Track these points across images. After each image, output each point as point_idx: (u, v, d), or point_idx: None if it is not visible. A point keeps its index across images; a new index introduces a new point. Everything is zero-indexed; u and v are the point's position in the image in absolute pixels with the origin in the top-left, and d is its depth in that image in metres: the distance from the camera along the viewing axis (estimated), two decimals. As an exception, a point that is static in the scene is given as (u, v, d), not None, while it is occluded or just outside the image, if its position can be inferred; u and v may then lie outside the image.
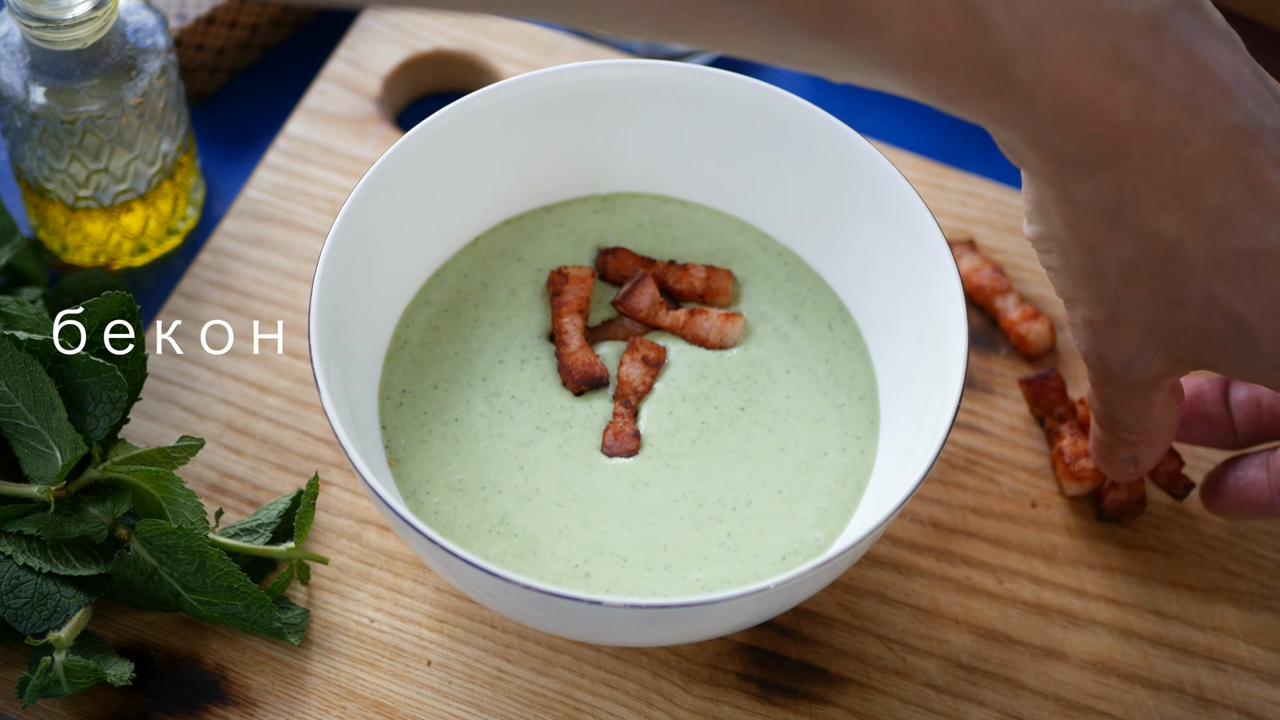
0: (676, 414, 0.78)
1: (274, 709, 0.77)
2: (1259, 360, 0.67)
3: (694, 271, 0.82)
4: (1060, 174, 0.64)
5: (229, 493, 0.82)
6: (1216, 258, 0.64)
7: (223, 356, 0.86)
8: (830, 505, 0.76)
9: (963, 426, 0.85)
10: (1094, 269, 0.67)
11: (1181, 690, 0.79)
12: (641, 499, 0.76)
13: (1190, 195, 0.63)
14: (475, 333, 0.80)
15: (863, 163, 0.79)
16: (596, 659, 0.78)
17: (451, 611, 0.79)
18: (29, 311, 0.78)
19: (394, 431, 0.78)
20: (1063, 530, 0.82)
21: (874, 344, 0.80)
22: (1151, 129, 0.61)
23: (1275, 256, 0.64)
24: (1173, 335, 0.67)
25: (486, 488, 0.76)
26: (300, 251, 0.89)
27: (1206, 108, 0.62)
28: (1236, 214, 0.64)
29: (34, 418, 0.75)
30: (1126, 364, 0.70)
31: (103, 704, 0.76)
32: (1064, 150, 0.62)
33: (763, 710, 0.78)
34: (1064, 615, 0.80)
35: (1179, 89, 0.61)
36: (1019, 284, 0.89)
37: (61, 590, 0.75)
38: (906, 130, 0.98)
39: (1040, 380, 0.84)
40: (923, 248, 0.77)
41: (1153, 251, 0.65)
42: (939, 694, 0.78)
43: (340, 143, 0.92)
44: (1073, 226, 0.66)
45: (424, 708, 0.77)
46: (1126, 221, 0.64)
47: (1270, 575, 0.82)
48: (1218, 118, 0.62)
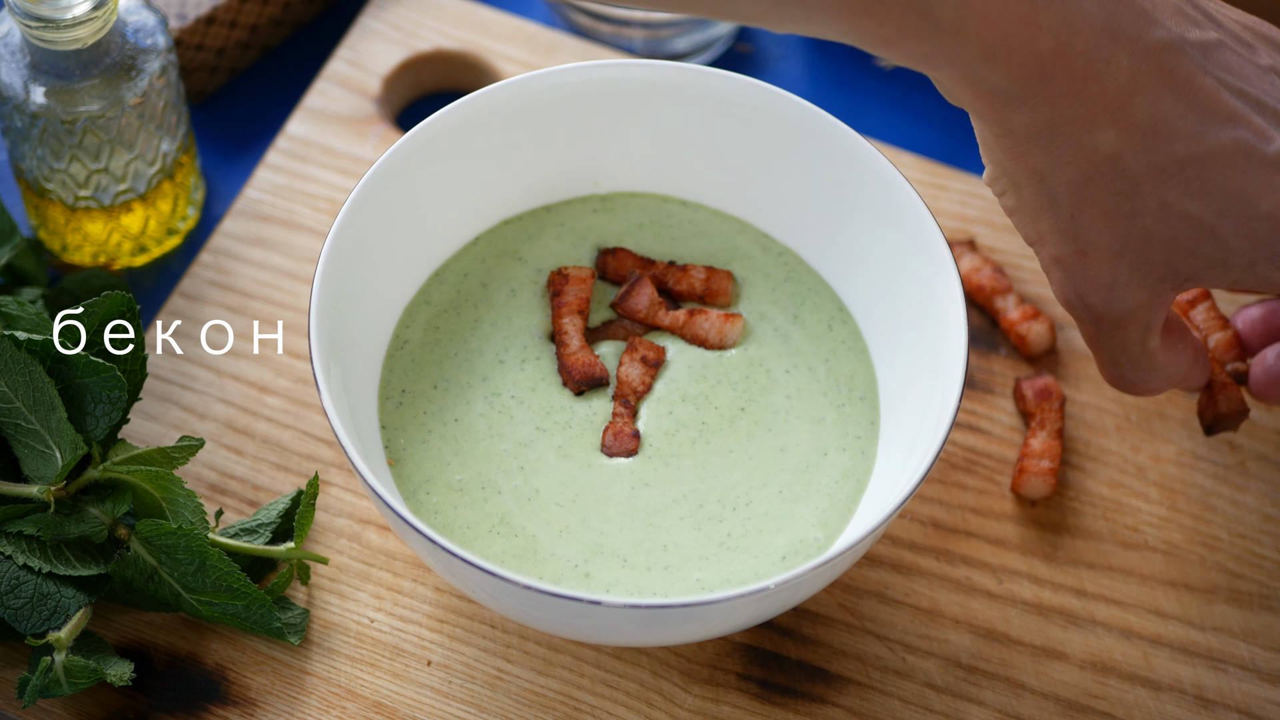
0: (676, 414, 0.78)
1: (274, 709, 0.77)
2: (1233, 260, 0.69)
3: (694, 272, 0.82)
4: (994, 108, 0.67)
5: (229, 493, 0.82)
6: (1159, 165, 0.67)
7: (223, 356, 0.86)
8: (830, 505, 0.76)
9: (963, 426, 0.85)
10: (1045, 197, 0.69)
11: (1181, 690, 0.79)
12: (641, 499, 0.76)
13: (1120, 111, 0.66)
14: (475, 333, 0.80)
15: (863, 163, 0.79)
16: (596, 659, 0.78)
17: (451, 611, 0.79)
18: (29, 311, 0.78)
19: (394, 431, 0.78)
20: (1063, 530, 0.82)
21: (874, 344, 0.80)
22: (1073, 55, 0.65)
23: (1217, 156, 0.67)
24: (1140, 252, 0.69)
25: (486, 488, 0.76)
26: (300, 251, 0.89)
27: (1125, 30, 0.65)
28: (1170, 122, 0.66)
29: (34, 418, 0.75)
30: (1106, 296, 0.70)
31: (103, 704, 0.76)
32: (994, 84, 0.65)
33: (763, 710, 0.78)
34: (1064, 615, 0.80)
35: (1096, 16, 0.65)
36: (1019, 284, 0.89)
37: (61, 590, 0.75)
38: (906, 130, 0.98)
39: (1027, 381, 0.85)
40: (923, 248, 0.77)
41: (1095, 168, 0.67)
42: (939, 694, 0.78)
43: (340, 143, 0.92)
44: (1016, 156, 0.68)
45: (424, 708, 0.77)
46: (1063, 143, 0.67)
47: (1270, 575, 0.82)
48: (1137, 38, 0.65)
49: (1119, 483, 0.84)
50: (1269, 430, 0.86)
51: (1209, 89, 0.67)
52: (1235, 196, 0.67)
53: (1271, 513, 0.83)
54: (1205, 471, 0.84)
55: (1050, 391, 0.84)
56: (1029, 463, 0.82)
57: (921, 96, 1.00)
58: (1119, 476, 0.84)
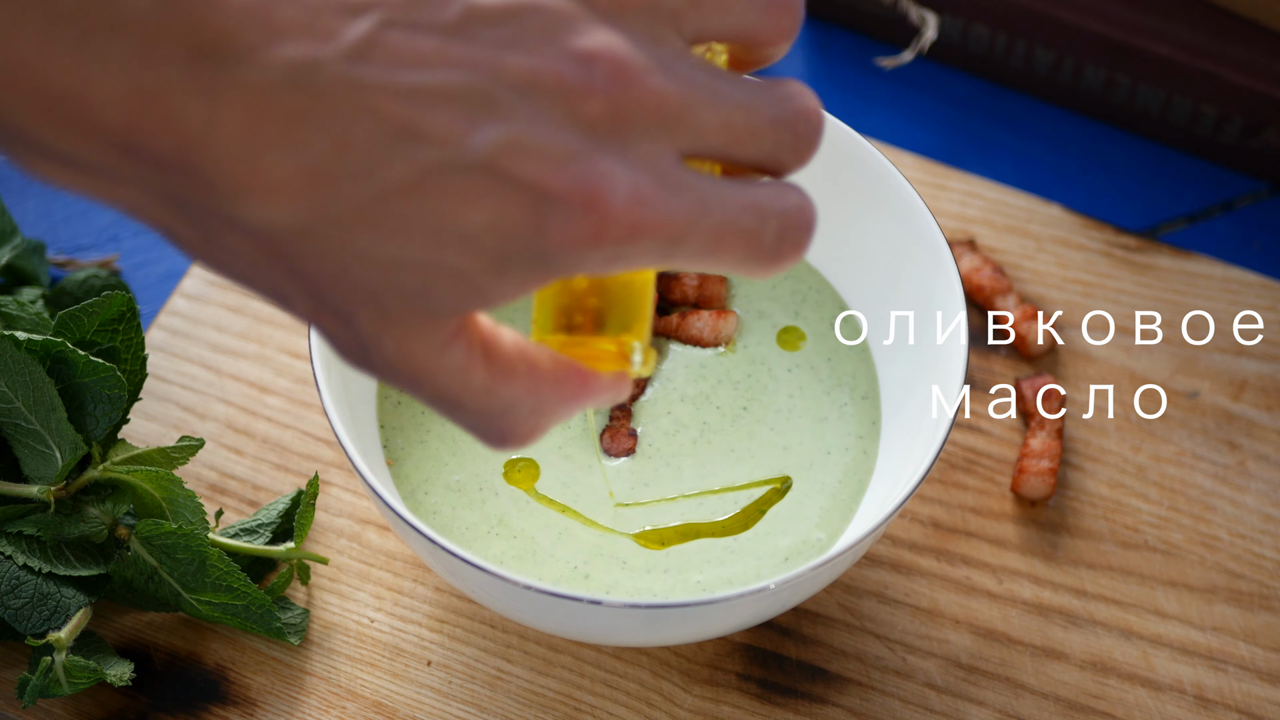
0: (675, 414, 0.78)
1: (274, 709, 0.77)
2: (481, 280, 0.56)
3: (686, 280, 0.82)
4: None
5: (229, 493, 0.82)
6: (333, 218, 0.54)
7: (223, 356, 0.86)
8: (833, 505, 0.76)
9: (963, 426, 0.85)
10: (278, 295, 0.56)
11: (1181, 690, 0.79)
12: (641, 500, 0.76)
13: (251, 175, 0.53)
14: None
15: (863, 163, 0.79)
16: (596, 659, 0.78)
17: (451, 611, 0.79)
18: (29, 311, 0.78)
19: (392, 431, 0.78)
20: (1062, 530, 0.82)
21: (875, 343, 0.80)
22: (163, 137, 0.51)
23: (400, 188, 0.53)
24: (375, 304, 0.56)
25: (484, 489, 0.76)
26: (300, 251, 0.89)
27: (207, 85, 0.51)
28: (326, 169, 0.53)
29: (34, 418, 0.75)
30: (379, 356, 0.57)
31: (103, 704, 0.76)
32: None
33: (763, 710, 0.78)
34: (1064, 615, 0.80)
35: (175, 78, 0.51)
36: (1019, 284, 0.89)
37: (61, 590, 0.75)
38: (906, 130, 0.98)
39: (1027, 381, 0.85)
40: (923, 247, 0.77)
41: (272, 244, 0.54)
42: (939, 694, 0.78)
43: (340, 142, 0.92)
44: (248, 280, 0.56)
45: (424, 708, 0.77)
46: (218, 243, 0.54)
47: (1270, 575, 0.82)
48: (221, 89, 0.51)
49: (1119, 483, 0.84)
50: (1269, 430, 0.86)
51: (367, 107, 0.52)
52: (439, 223, 0.54)
53: (1271, 513, 0.83)
54: (1205, 471, 0.84)
55: (1050, 391, 0.84)
56: (1029, 463, 0.82)
57: (921, 96, 1.00)
58: (1119, 476, 0.84)
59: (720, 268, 0.56)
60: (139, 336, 0.78)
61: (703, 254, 0.55)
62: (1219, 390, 0.87)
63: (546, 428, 0.59)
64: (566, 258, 0.53)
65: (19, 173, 0.95)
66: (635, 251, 0.53)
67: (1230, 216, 0.96)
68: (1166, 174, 0.97)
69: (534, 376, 0.58)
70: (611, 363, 0.60)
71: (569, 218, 0.52)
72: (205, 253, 0.54)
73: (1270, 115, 0.94)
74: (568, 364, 0.59)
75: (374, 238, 0.54)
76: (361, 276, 0.54)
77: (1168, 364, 0.88)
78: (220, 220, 0.52)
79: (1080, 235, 0.91)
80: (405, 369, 0.56)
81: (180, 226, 0.53)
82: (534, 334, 0.59)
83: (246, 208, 0.52)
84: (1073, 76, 0.97)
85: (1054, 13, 0.95)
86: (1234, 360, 0.88)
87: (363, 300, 0.55)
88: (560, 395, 0.59)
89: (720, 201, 0.54)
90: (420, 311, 0.56)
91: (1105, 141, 0.98)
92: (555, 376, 0.59)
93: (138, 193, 0.52)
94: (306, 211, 0.53)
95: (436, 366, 0.57)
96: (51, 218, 0.94)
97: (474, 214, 0.53)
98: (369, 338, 0.55)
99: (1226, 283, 0.90)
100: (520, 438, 0.59)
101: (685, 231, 0.53)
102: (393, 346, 0.56)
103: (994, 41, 0.98)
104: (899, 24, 0.99)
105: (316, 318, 0.56)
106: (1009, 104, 1.00)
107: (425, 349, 0.56)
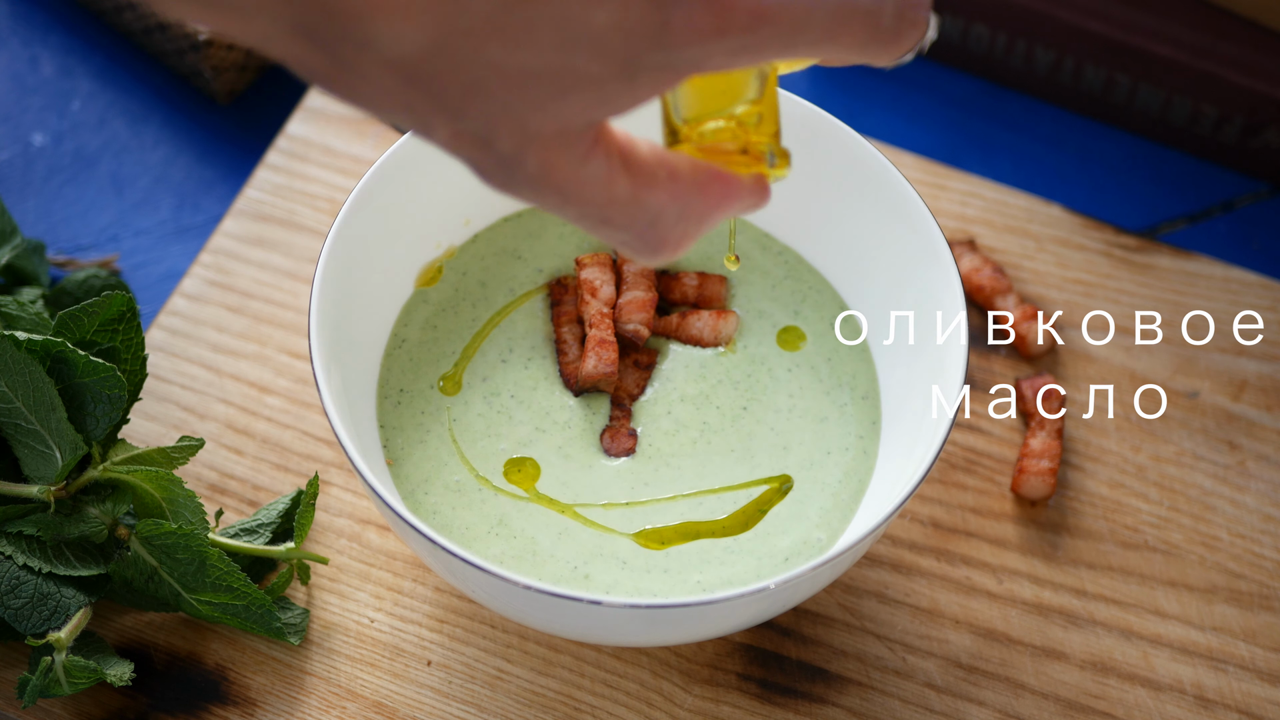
0: (675, 414, 0.78)
1: (274, 709, 0.77)
2: (608, 84, 0.57)
3: (686, 280, 0.82)
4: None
5: (229, 493, 0.82)
6: (466, 29, 0.55)
7: (223, 356, 0.86)
8: (833, 505, 0.76)
9: (963, 426, 0.85)
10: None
11: (1181, 690, 0.79)
12: (641, 499, 0.76)
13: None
14: (474, 332, 0.80)
15: (863, 162, 0.79)
16: (596, 659, 0.78)
17: (451, 611, 0.79)
18: (29, 311, 0.78)
19: (392, 431, 0.78)
20: (1063, 530, 0.82)
21: (875, 343, 0.80)
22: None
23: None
24: (515, 118, 0.57)
25: (484, 489, 0.76)
26: (300, 251, 0.89)
27: None
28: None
29: (34, 418, 0.75)
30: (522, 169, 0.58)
31: (103, 704, 0.76)
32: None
33: (763, 710, 0.78)
34: (1064, 615, 0.80)
35: None
36: (1019, 284, 0.89)
37: (61, 590, 0.75)
38: (906, 130, 0.98)
39: (1027, 381, 0.85)
40: (923, 247, 0.77)
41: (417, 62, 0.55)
42: (939, 694, 0.78)
43: (340, 143, 0.92)
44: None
45: (424, 708, 0.77)
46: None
47: (1270, 575, 0.82)
48: None
49: (1119, 483, 0.84)
50: (1269, 430, 0.86)
51: None
52: (565, 26, 0.55)
53: (1271, 513, 0.83)
54: (1205, 471, 0.84)
55: (1050, 391, 0.84)
56: (1029, 463, 0.82)
57: (921, 96, 1.00)
58: (1119, 476, 0.84)
59: (842, 53, 0.57)
60: (139, 336, 0.78)
61: (824, 39, 0.56)
62: (1219, 390, 0.87)
63: (695, 236, 0.60)
64: (691, 52, 0.54)
65: (21, 171, 0.95)
66: (758, 41, 0.54)
67: (1230, 216, 0.96)
68: (1166, 174, 0.97)
69: (676, 183, 0.59)
70: (746, 167, 0.60)
71: (692, 10, 0.53)
72: (338, 82, 0.55)
73: (1270, 115, 0.94)
74: (707, 168, 0.60)
75: (504, 48, 0.55)
76: (497, 90, 0.55)
77: (1168, 364, 0.88)
78: (352, 45, 0.53)
79: (1080, 235, 0.91)
80: (550, 184, 0.57)
81: (311, 56, 0.54)
82: (665, 144, 0.60)
83: (377, 28, 0.53)
84: (1073, 76, 0.97)
85: (1054, 13, 0.95)
86: (1234, 360, 0.88)
87: (500, 116, 0.55)
88: (705, 200, 0.60)
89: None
90: (557, 124, 0.56)
91: (1105, 141, 0.98)
92: (697, 181, 0.59)
93: (267, 23, 0.53)
94: (436, 26, 0.53)
95: (580, 178, 0.57)
96: (51, 218, 0.94)
97: (598, 14, 0.54)
98: (511, 156, 0.56)
99: (1226, 283, 0.90)
100: (672, 246, 0.60)
101: (806, 16, 0.54)
102: (535, 163, 0.57)
103: (994, 41, 0.98)
104: (899, 24, 0.99)
105: (457, 143, 0.57)
106: (1009, 104, 1.00)
107: (566, 162, 0.57)
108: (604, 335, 0.78)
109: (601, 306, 0.79)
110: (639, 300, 0.80)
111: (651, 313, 0.80)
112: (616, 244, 0.59)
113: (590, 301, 0.80)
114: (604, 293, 0.79)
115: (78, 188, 0.95)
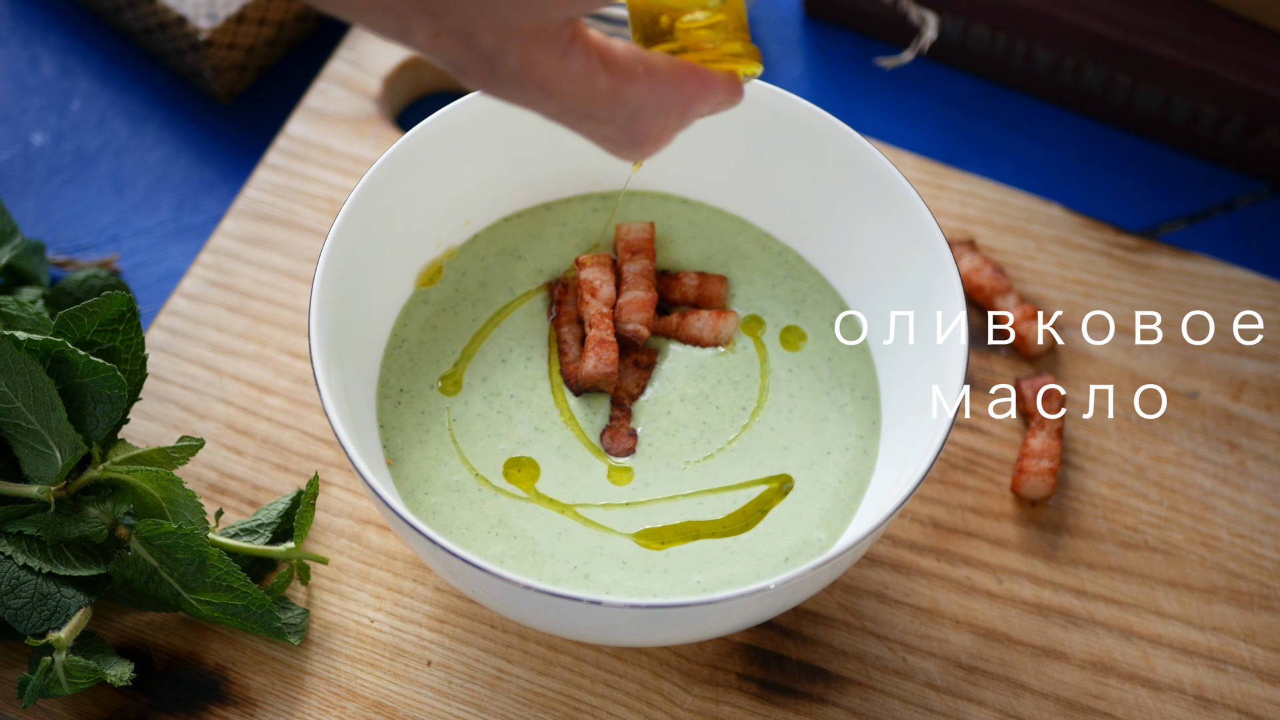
0: (675, 414, 0.78)
1: (274, 709, 0.77)
2: None
3: (686, 280, 0.82)
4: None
5: (229, 493, 0.82)
6: None
7: (223, 356, 0.86)
8: (833, 505, 0.76)
9: (963, 426, 0.85)
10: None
11: (1181, 690, 0.79)
12: (641, 499, 0.76)
13: None
14: (474, 332, 0.80)
15: (863, 163, 0.79)
16: (596, 659, 0.78)
17: (451, 611, 0.79)
18: (29, 311, 0.78)
19: (392, 431, 0.78)
20: (1063, 530, 0.82)
21: (875, 343, 0.80)
22: None
23: None
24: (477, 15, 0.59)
25: (484, 489, 0.76)
26: (300, 251, 0.89)
27: None
28: None
29: (34, 418, 0.75)
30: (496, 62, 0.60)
31: (103, 704, 0.76)
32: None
33: (763, 710, 0.78)
34: (1064, 615, 0.80)
35: None
36: (1019, 284, 0.89)
37: (61, 590, 0.75)
38: (906, 130, 0.98)
39: (1027, 381, 0.85)
40: (923, 247, 0.77)
41: None
42: (939, 694, 0.78)
43: (340, 143, 0.92)
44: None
45: (424, 708, 0.77)
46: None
47: (1270, 575, 0.82)
48: None
49: (1119, 483, 0.84)
50: (1269, 430, 0.86)
51: None
52: None
53: (1271, 513, 0.83)
54: (1205, 471, 0.84)
55: (1050, 391, 0.84)
56: (1029, 463, 0.82)
57: (921, 96, 1.00)
58: (1119, 476, 0.84)
59: None
60: (139, 336, 0.78)
61: None
62: (1219, 390, 0.87)
63: (675, 130, 0.62)
64: None
65: (21, 171, 0.95)
66: None
67: (1230, 216, 0.96)
68: (1166, 174, 0.97)
69: (654, 77, 0.61)
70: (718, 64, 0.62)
71: None
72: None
73: (1270, 115, 0.94)
74: (683, 64, 0.62)
75: None
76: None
77: (1168, 364, 0.88)
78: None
79: (1080, 235, 0.91)
80: (532, 79, 0.59)
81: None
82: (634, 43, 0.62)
83: None
84: (1073, 76, 0.97)
85: (1054, 13, 0.95)
86: (1234, 360, 0.88)
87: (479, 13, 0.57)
88: (682, 93, 0.62)
89: None
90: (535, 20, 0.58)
91: (1105, 141, 0.98)
92: (674, 76, 0.62)
93: None
94: None
95: (560, 73, 0.59)
96: (51, 218, 0.94)
97: None
98: (492, 53, 0.58)
99: (1226, 283, 0.90)
100: (654, 138, 0.62)
101: None
102: (516, 58, 0.58)
103: (994, 41, 0.98)
104: (899, 24, 0.99)
105: (438, 43, 0.58)
106: (1009, 104, 1.00)
107: (546, 56, 0.59)
108: (604, 335, 0.78)
109: (601, 306, 0.79)
110: (639, 300, 0.80)
111: (651, 313, 0.80)
112: (599, 139, 0.61)
113: (590, 301, 0.80)
114: (604, 293, 0.79)
115: (78, 188, 0.95)
